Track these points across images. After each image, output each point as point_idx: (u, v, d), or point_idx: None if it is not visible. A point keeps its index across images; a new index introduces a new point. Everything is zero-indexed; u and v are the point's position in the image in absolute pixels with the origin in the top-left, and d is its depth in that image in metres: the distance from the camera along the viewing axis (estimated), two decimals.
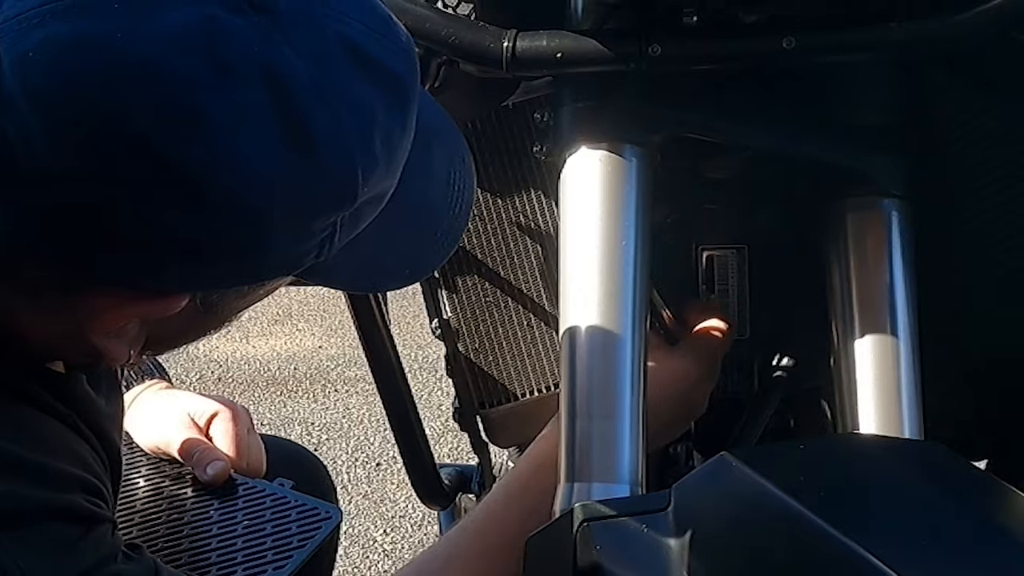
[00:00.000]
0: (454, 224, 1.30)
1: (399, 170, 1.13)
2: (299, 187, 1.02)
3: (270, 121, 0.98)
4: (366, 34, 1.05)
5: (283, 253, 1.08)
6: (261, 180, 0.99)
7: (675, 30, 1.30)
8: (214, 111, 0.96)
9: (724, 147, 1.49)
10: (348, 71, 1.03)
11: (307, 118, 1.00)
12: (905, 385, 1.37)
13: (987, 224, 1.50)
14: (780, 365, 1.62)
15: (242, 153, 0.98)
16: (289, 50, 0.99)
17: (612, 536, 1.08)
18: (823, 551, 0.95)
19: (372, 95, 1.05)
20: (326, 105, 1.01)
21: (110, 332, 1.15)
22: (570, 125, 1.41)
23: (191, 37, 0.95)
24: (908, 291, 1.40)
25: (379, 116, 1.06)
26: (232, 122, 0.97)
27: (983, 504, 1.10)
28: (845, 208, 1.43)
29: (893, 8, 1.29)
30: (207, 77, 0.96)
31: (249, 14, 0.98)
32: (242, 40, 0.97)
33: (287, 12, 1.00)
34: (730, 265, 1.63)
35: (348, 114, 1.03)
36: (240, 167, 0.98)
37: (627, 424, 1.33)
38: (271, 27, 0.99)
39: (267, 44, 0.98)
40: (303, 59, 1.00)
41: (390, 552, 3.80)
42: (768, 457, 1.16)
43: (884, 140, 1.42)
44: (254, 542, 1.54)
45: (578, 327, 1.36)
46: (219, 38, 0.96)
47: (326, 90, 1.01)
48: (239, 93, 0.97)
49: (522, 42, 1.32)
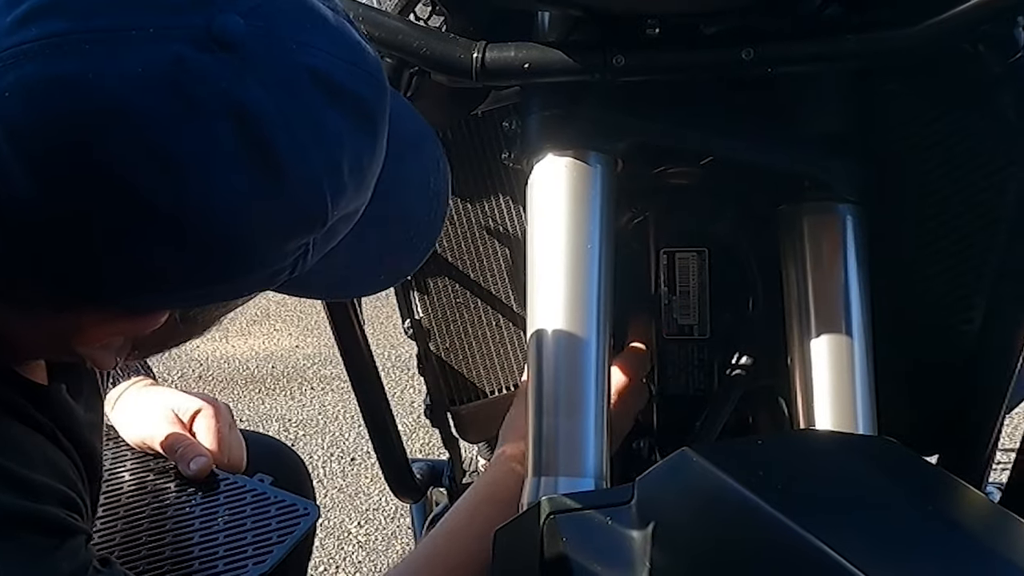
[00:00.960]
0: (430, 228, 1.31)
1: (370, 188, 1.14)
2: (270, 216, 1.02)
3: (239, 154, 0.98)
4: (333, 63, 1.05)
5: (257, 274, 1.08)
6: (232, 212, 1.00)
7: (638, 42, 1.30)
8: (182, 148, 0.96)
9: (685, 154, 1.49)
10: (315, 101, 1.03)
11: (275, 150, 1.00)
12: (859, 383, 1.38)
13: (938, 228, 1.51)
14: (739, 364, 1.63)
15: (212, 187, 0.98)
16: (256, 85, 0.99)
17: (578, 528, 1.08)
18: (780, 543, 0.96)
19: (340, 123, 1.05)
20: (293, 136, 1.01)
21: (95, 344, 1.16)
22: (537, 133, 1.41)
23: (158, 76, 0.95)
24: (862, 292, 1.41)
25: (347, 143, 1.06)
26: (200, 157, 0.97)
27: (933, 497, 1.11)
28: (801, 212, 1.44)
29: (848, 21, 1.30)
30: (174, 115, 0.96)
31: (216, 51, 0.97)
32: (209, 77, 0.97)
33: (254, 48, 1.00)
34: (691, 267, 1.63)
35: (316, 143, 1.03)
36: (211, 200, 0.98)
37: (592, 420, 1.33)
38: (238, 63, 0.98)
39: (234, 80, 0.98)
40: (270, 92, 1.00)
41: (364, 543, 3.80)
42: (727, 452, 1.17)
43: (839, 147, 1.43)
44: (234, 537, 1.54)
45: (545, 327, 1.37)
46: (186, 76, 0.96)
47: (293, 121, 1.01)
48: (207, 129, 0.97)
49: (491, 53, 1.33)
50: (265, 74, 1.00)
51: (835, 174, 1.43)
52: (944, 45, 1.26)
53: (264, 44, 1.00)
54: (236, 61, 0.98)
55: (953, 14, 1.21)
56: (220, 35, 0.98)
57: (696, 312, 1.65)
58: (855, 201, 1.43)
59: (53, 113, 0.94)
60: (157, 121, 0.95)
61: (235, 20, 0.99)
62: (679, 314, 1.66)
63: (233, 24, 0.98)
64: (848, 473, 1.14)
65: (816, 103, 1.44)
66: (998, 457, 2.08)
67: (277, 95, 1.00)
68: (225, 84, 0.97)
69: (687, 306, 1.65)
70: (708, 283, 1.64)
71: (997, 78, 1.28)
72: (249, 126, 0.98)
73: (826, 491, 1.08)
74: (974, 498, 1.16)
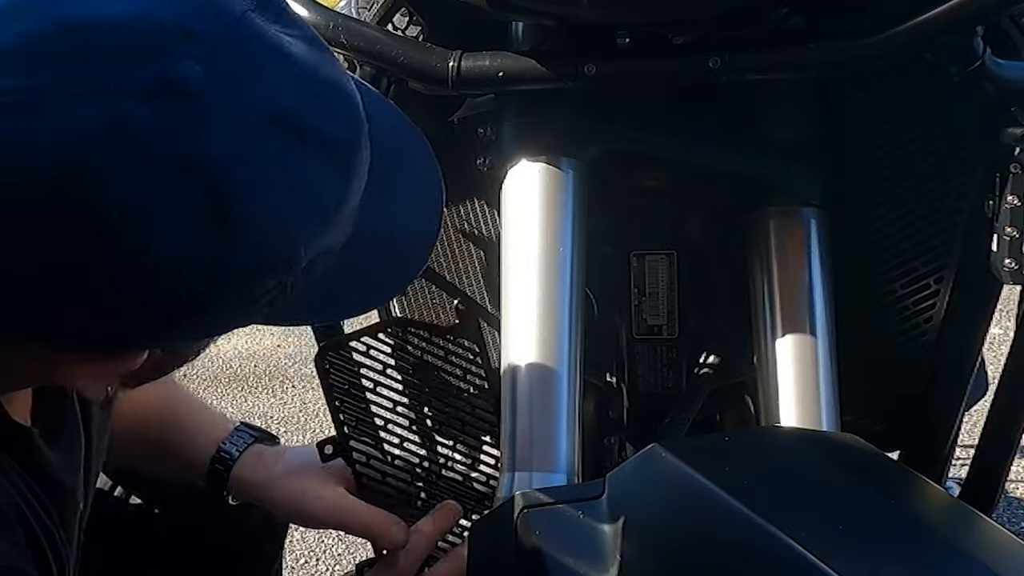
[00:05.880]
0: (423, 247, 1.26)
1: (349, 223, 1.08)
2: (234, 265, 0.97)
3: (196, 206, 0.93)
4: (301, 104, 0.99)
5: (232, 317, 1.05)
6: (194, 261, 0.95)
7: (609, 51, 1.30)
8: (137, 201, 0.91)
9: (654, 160, 1.49)
10: (280, 146, 0.97)
11: (235, 199, 0.94)
12: (823, 381, 1.39)
13: (899, 232, 1.52)
14: (706, 362, 1.63)
15: (173, 239, 0.93)
16: (214, 134, 0.92)
17: (550, 522, 1.08)
18: (746, 536, 0.96)
19: (309, 166, 1.00)
20: (254, 184, 0.95)
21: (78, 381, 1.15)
22: (511, 139, 1.41)
23: (108, 132, 0.89)
24: (825, 294, 1.41)
25: (317, 185, 1.01)
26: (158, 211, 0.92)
27: (895, 491, 1.11)
28: (767, 216, 1.44)
29: (811, 30, 1.31)
30: (128, 170, 0.90)
31: (171, 100, 0.92)
32: (164, 129, 0.91)
33: (212, 96, 0.93)
34: (660, 269, 1.63)
35: (281, 190, 0.97)
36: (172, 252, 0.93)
37: (564, 418, 1.33)
38: (196, 112, 0.92)
39: (191, 130, 0.92)
40: (229, 141, 0.93)
41: (343, 536, 3.76)
42: (695, 448, 1.17)
43: (803, 153, 1.44)
44: None
45: (518, 327, 1.36)
46: (138, 130, 0.90)
47: (256, 169, 0.95)
48: (163, 182, 0.91)
49: (466, 62, 1.33)
50: (223, 121, 0.94)
51: (799, 179, 1.44)
52: (905, 54, 1.26)
53: (224, 90, 0.94)
54: (192, 110, 0.92)
55: (914, 24, 1.21)
56: (177, 83, 0.92)
57: (665, 313, 1.65)
58: (818, 205, 1.43)
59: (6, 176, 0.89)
60: (111, 178, 0.90)
61: (191, 67, 0.93)
62: (648, 315, 1.66)
63: (190, 71, 0.93)
64: (812, 469, 1.14)
65: (780, 110, 1.45)
66: (957, 453, 2.09)
67: (237, 143, 0.94)
68: (182, 135, 0.92)
69: (656, 307, 1.65)
70: (676, 285, 1.64)
71: (956, 87, 1.28)
72: (204, 177, 0.92)
73: (790, 486, 1.08)
74: (934, 493, 1.17)
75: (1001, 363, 1.48)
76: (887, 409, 1.63)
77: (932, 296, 1.54)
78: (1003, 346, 1.58)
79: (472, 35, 1.38)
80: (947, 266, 1.52)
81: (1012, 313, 1.73)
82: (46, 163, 0.89)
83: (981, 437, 1.55)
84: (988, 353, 1.78)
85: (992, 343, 2.36)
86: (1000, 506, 3.49)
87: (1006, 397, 1.50)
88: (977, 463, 1.57)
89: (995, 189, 1.35)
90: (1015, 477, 3.65)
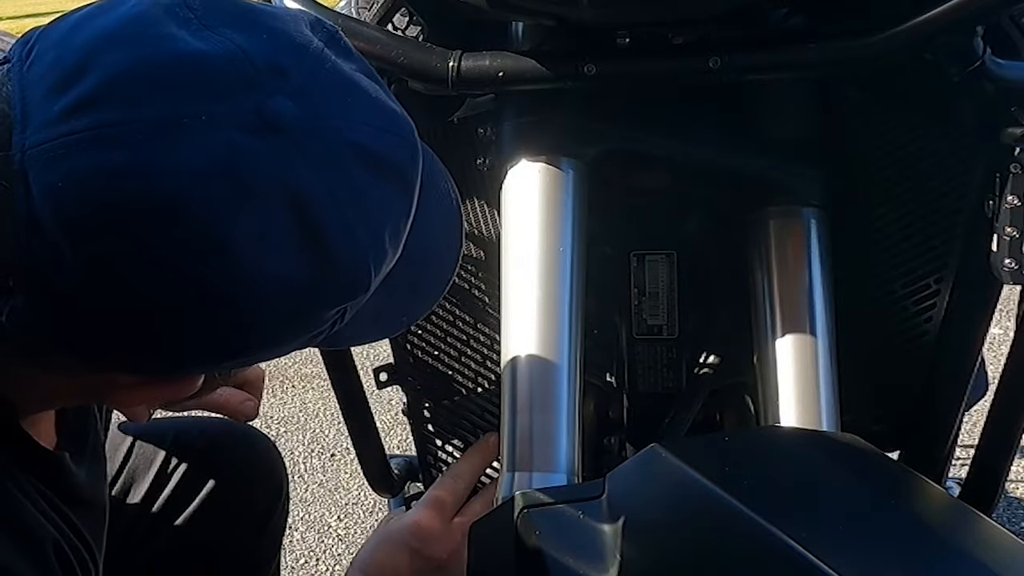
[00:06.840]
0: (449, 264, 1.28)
1: (402, 247, 1.11)
2: (317, 290, 1.00)
3: (290, 236, 0.96)
4: (372, 134, 1.03)
5: (298, 340, 1.06)
6: (283, 291, 0.98)
7: (609, 51, 1.30)
8: (236, 232, 0.93)
9: (654, 160, 1.49)
10: (359, 175, 1.01)
11: (325, 230, 0.97)
12: (823, 381, 1.38)
13: (899, 232, 1.52)
14: (706, 362, 1.63)
15: (264, 272, 0.96)
16: (305, 166, 0.96)
17: (551, 522, 1.08)
18: (746, 536, 0.95)
19: (383, 194, 1.03)
20: (342, 215, 0.99)
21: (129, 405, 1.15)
22: (511, 139, 1.41)
23: (212, 165, 0.92)
24: (825, 294, 1.41)
25: (388, 211, 1.05)
26: (255, 245, 0.94)
27: (895, 491, 1.11)
28: (767, 216, 1.44)
29: (812, 30, 1.30)
30: (228, 202, 0.93)
31: (267, 135, 0.94)
32: (262, 162, 0.94)
33: (300, 129, 0.97)
34: (660, 269, 1.63)
35: (363, 219, 1.01)
36: (262, 286, 0.96)
37: (564, 417, 1.33)
38: (288, 146, 0.96)
39: (286, 164, 0.95)
40: (317, 172, 0.97)
41: (343, 537, 3.78)
42: (695, 448, 1.17)
43: (803, 153, 1.43)
44: None
45: (519, 327, 1.36)
46: (239, 163, 0.93)
47: (342, 200, 0.99)
48: (261, 214, 0.94)
49: (466, 62, 1.32)
50: (314, 155, 0.97)
51: (799, 179, 1.43)
52: (905, 54, 1.26)
53: (312, 125, 0.98)
54: (286, 144, 0.96)
55: (914, 24, 1.21)
56: (271, 119, 0.95)
57: (665, 313, 1.65)
58: (818, 205, 1.43)
59: (106, 205, 0.90)
60: (211, 209, 0.92)
61: (284, 103, 0.96)
62: (648, 315, 1.65)
63: (283, 107, 0.96)
64: (812, 469, 1.14)
65: (781, 111, 1.45)
66: (957, 453, 2.09)
67: (326, 175, 0.98)
68: (277, 168, 0.95)
69: (656, 307, 1.65)
70: (676, 285, 1.64)
71: (956, 87, 1.28)
72: (300, 209, 0.96)
73: (790, 486, 1.08)
74: (934, 493, 1.16)
75: (1001, 363, 1.48)
76: (887, 409, 1.63)
77: (932, 296, 1.54)
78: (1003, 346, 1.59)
79: (472, 35, 1.37)
80: (947, 266, 1.52)
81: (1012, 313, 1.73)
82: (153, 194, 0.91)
83: (981, 437, 1.55)
84: (988, 353, 1.78)
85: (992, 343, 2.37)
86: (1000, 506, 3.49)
87: (1006, 397, 1.50)
88: (977, 463, 1.57)
89: (995, 189, 1.34)
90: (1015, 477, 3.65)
